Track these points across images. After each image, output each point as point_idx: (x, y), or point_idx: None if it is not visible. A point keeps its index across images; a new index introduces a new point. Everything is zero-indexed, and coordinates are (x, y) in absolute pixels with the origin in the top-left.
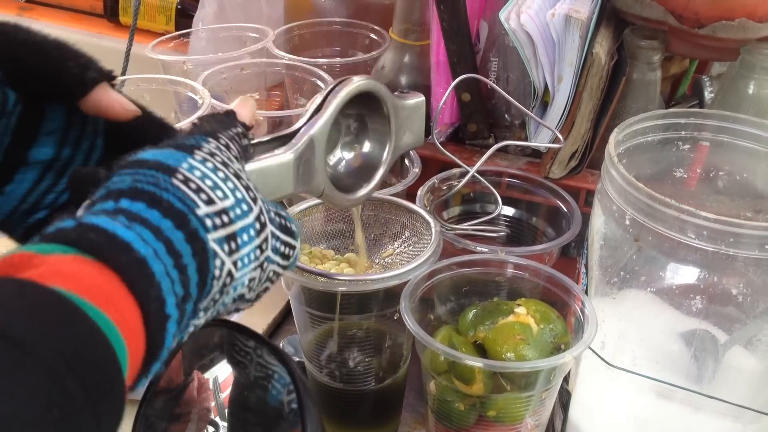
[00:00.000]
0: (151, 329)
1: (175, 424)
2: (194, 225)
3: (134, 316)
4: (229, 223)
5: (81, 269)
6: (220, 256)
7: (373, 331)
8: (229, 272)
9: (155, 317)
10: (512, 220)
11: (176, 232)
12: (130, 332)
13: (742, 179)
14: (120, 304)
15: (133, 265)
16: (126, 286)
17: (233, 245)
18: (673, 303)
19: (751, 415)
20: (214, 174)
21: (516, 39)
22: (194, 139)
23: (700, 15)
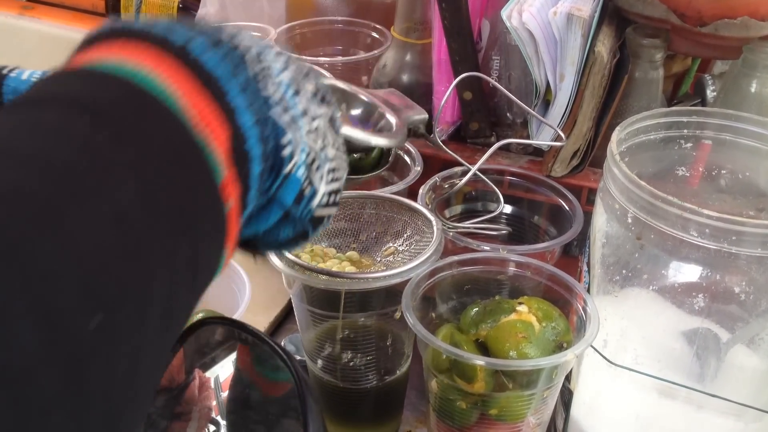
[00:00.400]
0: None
1: (176, 422)
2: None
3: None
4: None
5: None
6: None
7: (374, 330)
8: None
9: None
10: (514, 218)
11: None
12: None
13: (744, 178)
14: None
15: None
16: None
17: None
18: (676, 301)
19: (753, 413)
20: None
21: (518, 37)
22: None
23: (703, 13)
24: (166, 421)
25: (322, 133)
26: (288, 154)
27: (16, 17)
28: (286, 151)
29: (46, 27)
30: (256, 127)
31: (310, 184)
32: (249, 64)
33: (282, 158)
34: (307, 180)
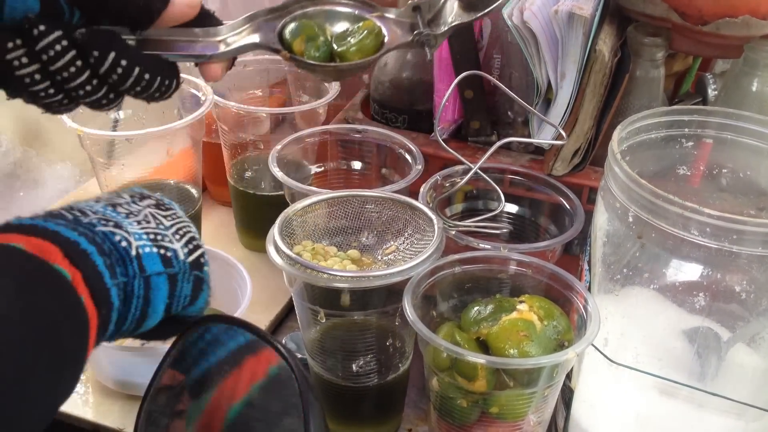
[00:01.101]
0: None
1: (177, 420)
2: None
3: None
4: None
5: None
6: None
7: (375, 328)
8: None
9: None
10: (515, 217)
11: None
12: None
13: (745, 176)
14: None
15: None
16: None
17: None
18: (676, 300)
19: (754, 412)
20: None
21: (519, 36)
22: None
23: (704, 12)
24: (168, 419)
25: (152, 216)
26: (125, 245)
27: None
28: (123, 243)
29: None
30: (82, 236)
31: (165, 249)
32: (76, 216)
33: (123, 248)
34: (160, 248)
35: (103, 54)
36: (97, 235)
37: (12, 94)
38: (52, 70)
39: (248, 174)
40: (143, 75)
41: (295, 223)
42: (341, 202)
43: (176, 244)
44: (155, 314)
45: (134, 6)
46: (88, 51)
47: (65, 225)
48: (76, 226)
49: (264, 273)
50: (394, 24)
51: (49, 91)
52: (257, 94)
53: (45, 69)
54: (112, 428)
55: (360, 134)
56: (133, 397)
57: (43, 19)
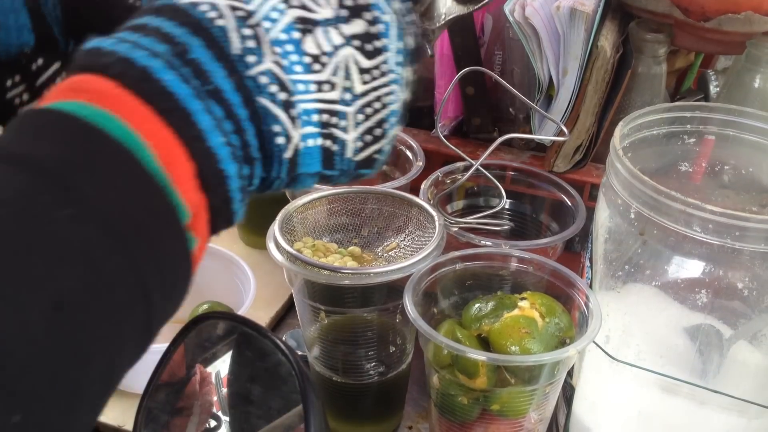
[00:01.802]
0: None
1: (177, 417)
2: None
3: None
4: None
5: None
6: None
7: (376, 325)
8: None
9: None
10: (516, 213)
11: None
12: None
13: (747, 173)
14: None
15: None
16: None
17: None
18: (678, 297)
19: (756, 409)
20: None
21: (520, 32)
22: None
23: (706, 8)
24: (167, 416)
25: (345, 71)
26: (282, 142)
27: None
28: (280, 139)
29: None
30: (229, 144)
31: (333, 141)
32: (231, 41)
33: (277, 146)
34: (327, 139)
35: None
36: (256, 115)
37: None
38: None
39: None
40: None
41: (296, 219)
42: (342, 199)
43: (351, 133)
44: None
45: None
46: None
47: (208, 112)
48: (233, 102)
49: (265, 270)
50: None
51: None
52: None
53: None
54: (111, 425)
55: None
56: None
57: (41, 53)
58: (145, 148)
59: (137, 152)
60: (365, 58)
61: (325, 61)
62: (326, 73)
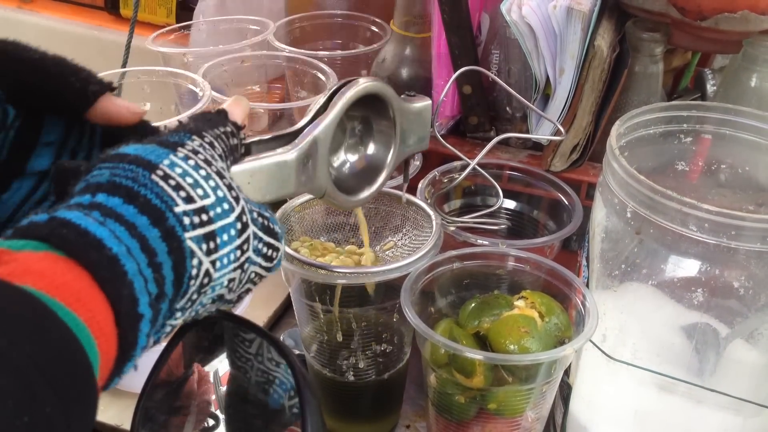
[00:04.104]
0: (123, 329)
1: (174, 416)
2: (171, 222)
3: (106, 316)
4: (209, 222)
5: (51, 267)
6: (197, 255)
7: (373, 324)
8: (207, 272)
9: (127, 316)
10: (513, 213)
11: (152, 230)
12: (101, 332)
13: (744, 172)
14: (91, 303)
15: (104, 263)
16: (97, 285)
17: (212, 245)
18: (675, 296)
19: (752, 408)
20: (196, 172)
21: (517, 31)
22: (178, 136)
23: (703, 7)
24: (165, 415)
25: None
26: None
27: (14, 11)
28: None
29: (44, 20)
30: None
31: (230, 290)
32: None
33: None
34: (227, 288)
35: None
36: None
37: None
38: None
39: None
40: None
41: (293, 219)
42: None
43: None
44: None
45: (70, 90)
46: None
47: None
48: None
49: None
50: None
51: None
52: (255, 89)
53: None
54: (109, 425)
55: None
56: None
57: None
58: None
59: (51, 303)
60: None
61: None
62: (244, 277)
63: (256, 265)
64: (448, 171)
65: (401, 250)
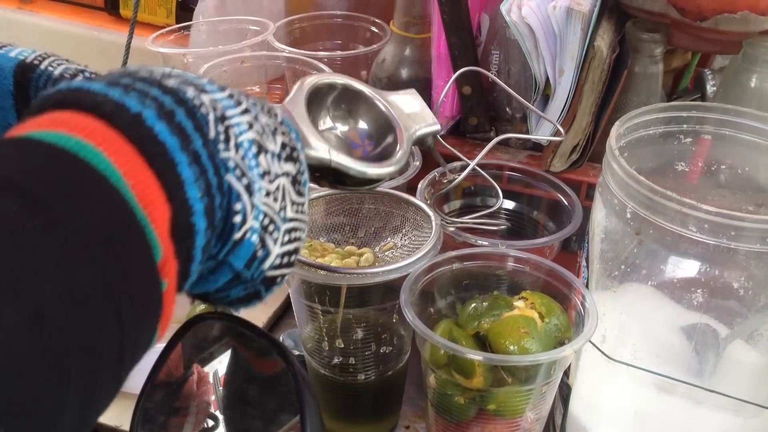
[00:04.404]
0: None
1: (174, 417)
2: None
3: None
4: (218, 107)
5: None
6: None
7: (372, 325)
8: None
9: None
10: (513, 213)
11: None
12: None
13: (744, 173)
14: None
15: (139, 130)
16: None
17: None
18: (674, 297)
19: (752, 409)
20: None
21: (517, 32)
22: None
23: (703, 8)
24: (164, 416)
25: (282, 194)
26: (239, 220)
27: (14, 11)
28: (238, 218)
29: (44, 21)
30: (204, 200)
31: (263, 246)
32: (210, 126)
33: (233, 224)
34: (260, 242)
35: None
36: (222, 191)
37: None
38: None
39: None
40: None
41: None
42: (339, 199)
43: (277, 248)
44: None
45: None
46: None
47: (193, 153)
48: (206, 170)
49: None
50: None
51: None
52: (255, 90)
53: None
54: (108, 425)
55: None
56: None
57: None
58: (126, 184)
59: (116, 183)
60: (295, 193)
61: (271, 178)
62: (272, 187)
63: (282, 163)
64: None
65: (401, 250)
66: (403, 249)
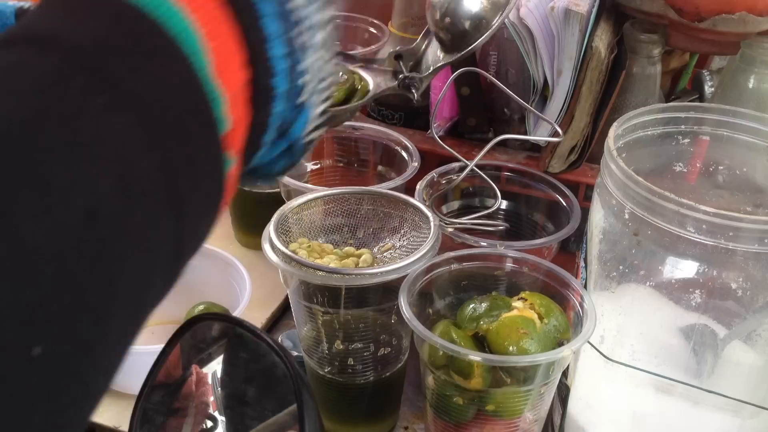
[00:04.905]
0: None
1: (173, 418)
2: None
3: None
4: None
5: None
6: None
7: (371, 325)
8: None
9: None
10: (511, 214)
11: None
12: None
13: (742, 173)
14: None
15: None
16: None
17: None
18: (673, 297)
19: (751, 409)
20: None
21: (515, 32)
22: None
23: (701, 9)
24: (163, 417)
25: (324, 47)
26: (303, 82)
27: None
28: (304, 78)
29: None
30: (287, 59)
31: (315, 108)
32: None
33: (298, 87)
34: (316, 106)
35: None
36: (295, 53)
37: None
38: None
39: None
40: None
41: (291, 220)
42: (337, 200)
43: (319, 108)
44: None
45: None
46: None
47: (277, 17)
48: (286, 24)
49: (260, 271)
50: (377, 73)
51: None
52: None
53: None
54: (107, 426)
55: (356, 131)
56: (129, 395)
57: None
58: (199, 43)
59: (189, 50)
60: (331, 39)
61: (319, 26)
62: (317, 39)
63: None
64: (446, 172)
65: (399, 251)
66: (401, 250)
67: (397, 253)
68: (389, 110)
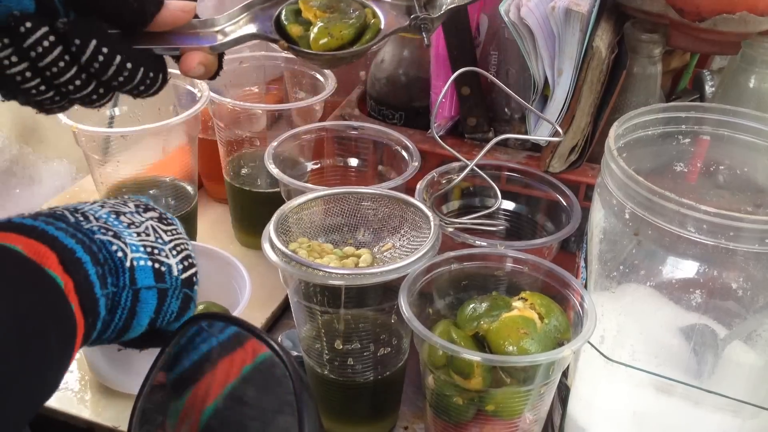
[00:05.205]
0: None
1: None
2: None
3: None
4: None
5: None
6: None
7: (371, 325)
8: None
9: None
10: (512, 214)
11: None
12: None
13: (742, 173)
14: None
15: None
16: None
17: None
18: (673, 297)
19: (751, 409)
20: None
21: (516, 32)
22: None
23: (701, 8)
24: (162, 417)
25: (153, 229)
26: (121, 255)
27: None
28: (119, 253)
29: None
30: (79, 244)
31: (160, 263)
32: (78, 220)
33: (118, 258)
34: (155, 262)
35: (84, 42)
36: (95, 243)
37: (6, 95)
38: (41, 66)
39: (244, 171)
40: (125, 64)
41: (291, 220)
42: (337, 199)
43: (172, 259)
44: (138, 326)
45: (128, 8)
46: (70, 39)
47: (65, 230)
48: (76, 232)
49: (260, 270)
50: (390, 8)
51: (40, 88)
52: (253, 90)
53: (35, 66)
54: (106, 426)
55: (356, 131)
56: (128, 395)
57: (28, 15)
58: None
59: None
60: (164, 225)
61: (137, 225)
62: (141, 229)
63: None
64: (447, 172)
65: (399, 251)
66: (401, 250)
67: (397, 253)
68: (390, 110)
